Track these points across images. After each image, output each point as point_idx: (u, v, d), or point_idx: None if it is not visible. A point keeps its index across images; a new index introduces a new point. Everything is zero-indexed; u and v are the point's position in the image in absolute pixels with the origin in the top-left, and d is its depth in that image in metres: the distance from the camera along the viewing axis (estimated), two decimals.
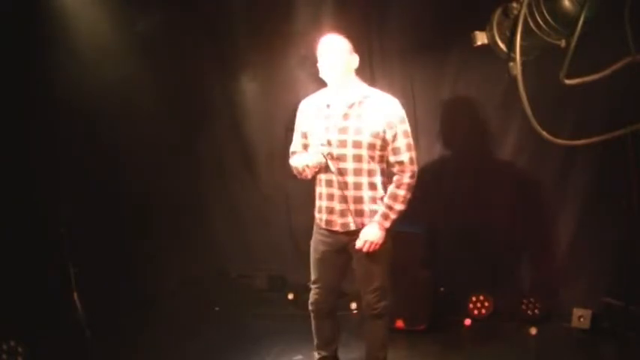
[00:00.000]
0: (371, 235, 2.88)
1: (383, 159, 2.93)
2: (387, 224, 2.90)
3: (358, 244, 2.90)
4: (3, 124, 3.97)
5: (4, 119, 3.97)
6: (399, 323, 4.01)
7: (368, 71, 4.49)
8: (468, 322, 4.17)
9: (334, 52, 2.87)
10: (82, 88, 4.16)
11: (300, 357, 3.44)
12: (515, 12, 1.96)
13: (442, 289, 4.33)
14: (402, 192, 2.89)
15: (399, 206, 2.90)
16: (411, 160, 2.90)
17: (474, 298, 4.23)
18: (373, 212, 2.91)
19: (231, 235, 5.07)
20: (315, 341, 3.26)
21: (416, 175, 2.92)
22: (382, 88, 4.64)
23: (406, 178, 2.89)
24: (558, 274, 4.21)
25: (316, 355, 3.28)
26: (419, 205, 4.40)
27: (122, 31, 4.40)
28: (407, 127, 2.93)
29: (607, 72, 1.97)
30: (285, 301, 4.62)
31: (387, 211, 2.89)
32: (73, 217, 4.05)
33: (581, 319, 3.90)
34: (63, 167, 4.20)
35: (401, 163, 2.89)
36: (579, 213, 4.10)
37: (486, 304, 4.22)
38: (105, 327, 4.02)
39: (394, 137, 2.87)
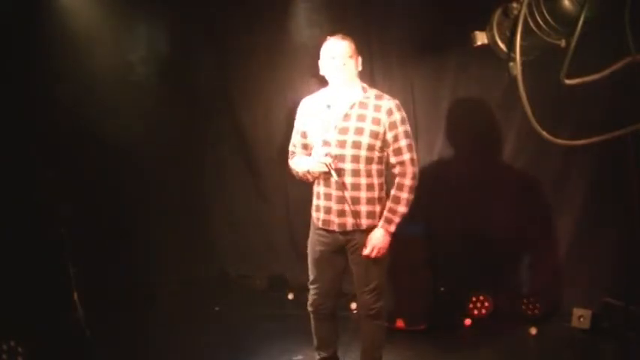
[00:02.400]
0: (378, 241, 2.89)
1: (381, 160, 2.93)
2: (392, 228, 2.90)
3: (366, 251, 2.90)
4: (3, 124, 3.97)
5: (4, 119, 3.96)
6: (399, 323, 4.02)
7: (368, 72, 4.47)
8: (468, 322, 4.17)
9: (344, 56, 2.86)
10: (81, 88, 4.16)
11: (300, 357, 3.44)
12: (515, 12, 1.96)
13: (442, 289, 4.33)
14: (404, 194, 2.89)
15: (402, 209, 2.90)
16: (412, 161, 2.90)
17: (473, 298, 4.23)
18: (370, 213, 2.91)
19: (232, 236, 5.07)
20: (315, 342, 3.25)
21: (417, 176, 2.92)
22: (382, 89, 4.63)
23: (408, 180, 2.89)
24: (558, 273, 4.21)
25: (316, 356, 3.27)
26: (419, 206, 4.44)
27: (122, 32, 4.41)
28: (408, 127, 2.93)
29: (607, 72, 1.96)
30: (285, 301, 4.62)
31: (390, 215, 2.90)
32: (73, 217, 4.05)
33: (581, 319, 3.90)
34: (63, 167, 4.20)
35: (402, 163, 2.89)
36: (579, 213, 4.10)
37: (486, 304, 4.22)
38: (105, 327, 4.02)
39: (395, 138, 2.88)
